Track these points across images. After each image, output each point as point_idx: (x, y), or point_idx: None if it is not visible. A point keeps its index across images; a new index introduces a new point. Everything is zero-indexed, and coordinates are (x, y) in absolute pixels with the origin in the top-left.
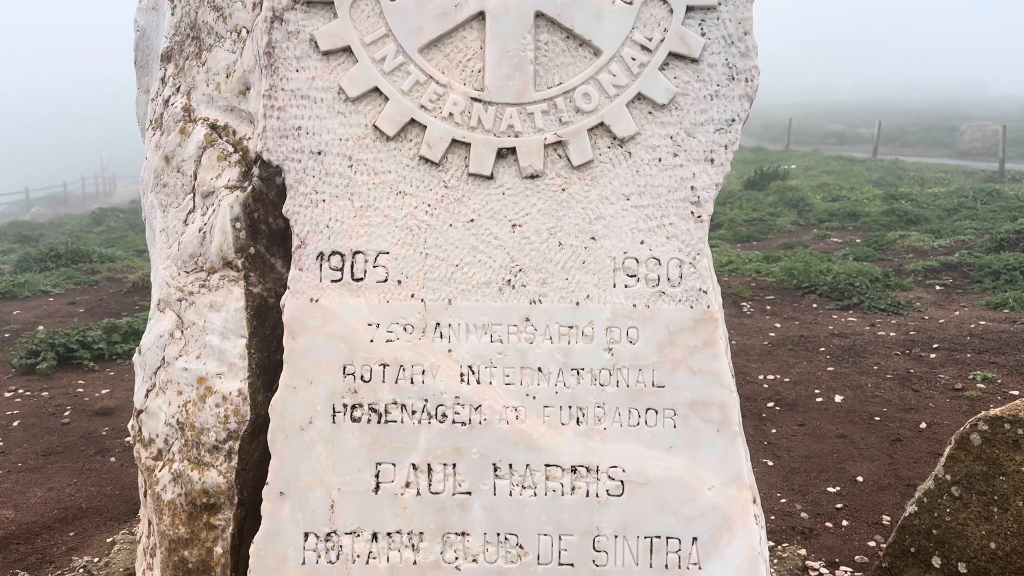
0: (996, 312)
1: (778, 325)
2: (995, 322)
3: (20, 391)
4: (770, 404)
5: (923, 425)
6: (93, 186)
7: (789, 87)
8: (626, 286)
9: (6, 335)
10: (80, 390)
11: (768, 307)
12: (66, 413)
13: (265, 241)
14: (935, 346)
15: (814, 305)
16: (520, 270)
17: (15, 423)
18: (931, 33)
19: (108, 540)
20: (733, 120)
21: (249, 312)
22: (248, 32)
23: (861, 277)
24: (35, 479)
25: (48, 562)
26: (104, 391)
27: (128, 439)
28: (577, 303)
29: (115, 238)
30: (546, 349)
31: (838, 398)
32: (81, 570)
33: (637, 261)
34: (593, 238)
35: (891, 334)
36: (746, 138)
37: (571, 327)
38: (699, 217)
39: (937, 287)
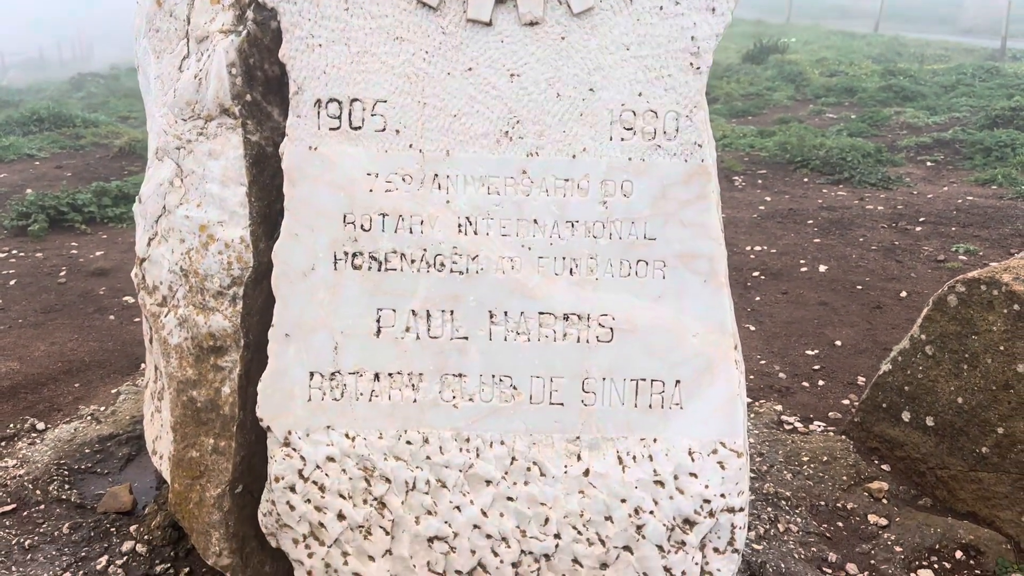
0: (984, 188)
1: (768, 198)
2: (982, 197)
3: (14, 251)
4: (755, 273)
5: (904, 294)
6: (70, 51)
7: None
8: (622, 139)
9: None
10: (74, 252)
11: (759, 181)
12: (62, 273)
13: (261, 88)
14: (921, 219)
15: (805, 179)
16: (518, 121)
17: (12, 282)
18: None
19: (113, 391)
20: None
21: (248, 160)
22: None
23: (853, 152)
24: (36, 334)
25: (56, 410)
26: (98, 253)
27: (126, 299)
28: (574, 156)
29: (97, 103)
30: (542, 201)
31: (822, 268)
32: (89, 417)
33: (634, 113)
34: (591, 89)
35: (879, 208)
36: (746, 10)
37: (567, 180)
38: (698, 68)
39: (928, 163)
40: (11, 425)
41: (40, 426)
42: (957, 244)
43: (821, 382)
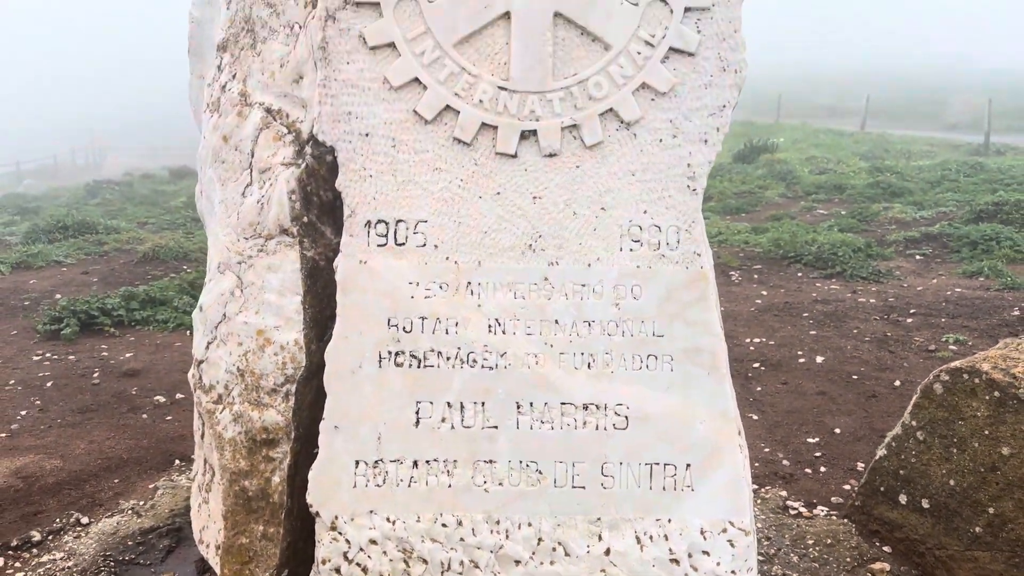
0: (972, 280)
1: (764, 293)
2: (970, 289)
3: (48, 355)
4: (756, 365)
5: (897, 383)
6: (83, 157)
7: (779, 60)
8: (631, 249)
9: (26, 303)
10: (105, 354)
11: (755, 276)
12: (95, 375)
13: (316, 211)
14: (912, 312)
15: (799, 274)
16: (540, 236)
17: (48, 384)
18: (916, 5)
19: (151, 486)
20: (724, 106)
21: (304, 273)
22: (301, 27)
23: (844, 247)
24: (76, 433)
25: (98, 505)
26: (128, 355)
27: (157, 398)
28: (589, 264)
29: (114, 210)
30: (562, 304)
31: (819, 359)
32: (130, 511)
33: (641, 228)
34: (603, 208)
35: (871, 300)
36: (736, 112)
37: (584, 285)
38: (694, 190)
39: (917, 257)
40: (57, 520)
41: (84, 520)
42: (947, 335)
43: (823, 468)
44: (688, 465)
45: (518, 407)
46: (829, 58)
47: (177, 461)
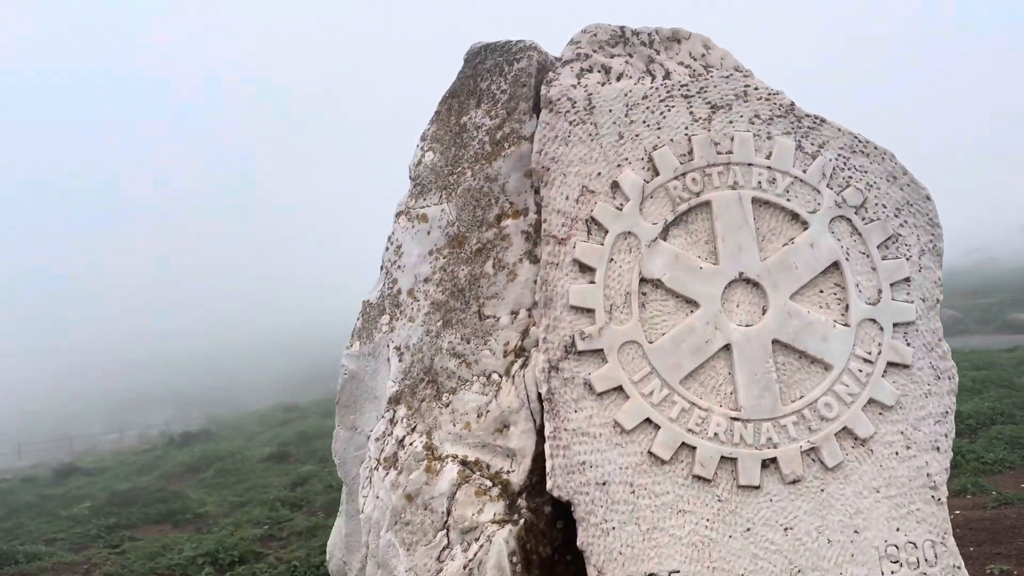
0: (961, 499)
1: None
2: (968, 510)
3: None
4: None
5: None
6: None
7: None
8: (892, 572)
9: None
10: None
11: None
12: None
13: (536, 571)
14: None
15: None
16: (799, 571)
17: None
18: None
19: None
20: (947, 412)
21: None
22: (501, 376)
23: None
24: None
25: None
26: None
27: None
28: None
29: (7, 527)
30: None
31: None
32: None
33: (897, 547)
34: (856, 531)
35: None
36: None
37: None
38: (939, 500)
39: None
40: None
41: None
42: (987, 565)
43: None
44: None
45: None
46: None
47: None
